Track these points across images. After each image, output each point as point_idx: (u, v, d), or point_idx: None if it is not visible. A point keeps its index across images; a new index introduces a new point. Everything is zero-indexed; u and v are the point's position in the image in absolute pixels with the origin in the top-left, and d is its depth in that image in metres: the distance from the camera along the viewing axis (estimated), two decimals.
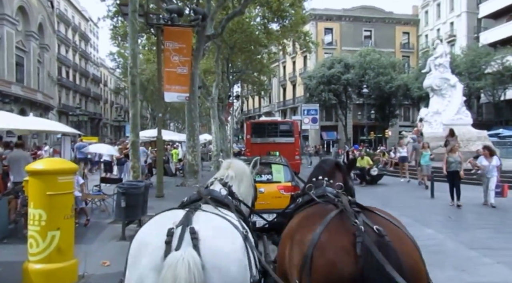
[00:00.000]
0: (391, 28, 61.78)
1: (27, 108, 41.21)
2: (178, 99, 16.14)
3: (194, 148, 19.59)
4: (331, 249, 2.37)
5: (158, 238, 2.38)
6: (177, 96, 15.97)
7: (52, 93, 51.63)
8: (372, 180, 19.32)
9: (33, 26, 41.61)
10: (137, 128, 10.56)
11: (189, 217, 2.58)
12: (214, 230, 2.56)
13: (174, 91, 15.88)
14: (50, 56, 51.88)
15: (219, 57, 29.52)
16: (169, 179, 22.72)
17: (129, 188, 8.86)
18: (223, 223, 2.70)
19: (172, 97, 16.03)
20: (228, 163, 3.86)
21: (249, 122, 26.80)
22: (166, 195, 16.08)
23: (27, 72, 41.45)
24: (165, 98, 16.04)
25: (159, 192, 15.50)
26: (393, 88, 47.31)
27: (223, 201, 3.24)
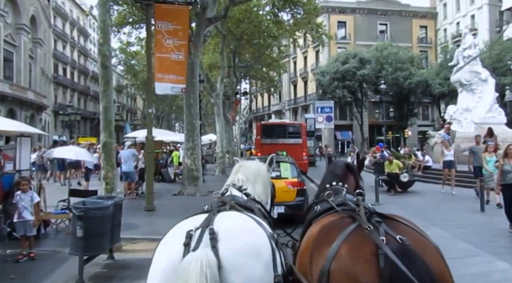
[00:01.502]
0: (407, 21, 59.13)
1: (17, 108, 39.16)
2: (172, 92, 13.67)
3: (194, 150, 17.13)
4: (351, 262, 2.28)
5: (178, 241, 2.37)
6: (171, 88, 13.47)
7: (46, 91, 49.58)
8: (400, 187, 16.70)
9: (25, 19, 39.35)
10: (110, 126, 8.12)
11: (210, 218, 2.55)
12: (236, 228, 2.51)
13: (168, 82, 13.38)
14: (44, 52, 49.72)
15: (224, 48, 27.03)
16: (167, 185, 20.29)
17: (90, 209, 6.39)
18: (247, 220, 2.66)
19: (165, 89, 13.53)
20: (238, 167, 3.73)
21: (259, 124, 28.14)
22: (159, 207, 13.63)
23: (17, 69, 39.18)
24: (157, 90, 13.56)
25: (148, 204, 13.06)
26: (412, 84, 44.57)
27: (247, 205, 3.12)
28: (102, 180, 8.47)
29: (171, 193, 17.43)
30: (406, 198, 15.54)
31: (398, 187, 16.52)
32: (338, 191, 3.40)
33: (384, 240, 2.27)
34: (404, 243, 2.25)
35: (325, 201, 3.25)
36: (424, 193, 16.74)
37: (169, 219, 11.50)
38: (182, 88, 14.03)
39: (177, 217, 13.03)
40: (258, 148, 24.66)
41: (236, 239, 2.42)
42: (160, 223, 11.53)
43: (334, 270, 2.30)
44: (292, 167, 11.66)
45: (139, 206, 13.48)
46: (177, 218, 11.86)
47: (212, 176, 26.29)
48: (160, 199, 15.62)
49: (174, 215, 12.99)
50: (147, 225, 11.08)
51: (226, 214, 2.70)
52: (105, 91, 8.19)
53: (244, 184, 3.51)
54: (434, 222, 10.63)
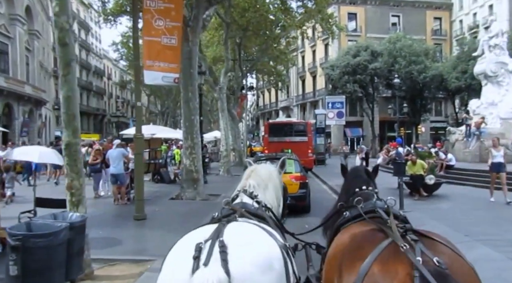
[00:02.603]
0: (421, 13, 56.82)
1: (14, 102, 37.72)
2: (163, 82, 11.88)
3: (193, 149, 15.39)
4: (384, 281, 2.17)
5: (187, 254, 2.27)
6: (162, 77, 11.66)
7: (46, 86, 48.08)
8: (425, 190, 14.82)
9: (19, 9, 37.69)
10: (74, 121, 6.37)
11: (220, 229, 2.43)
12: (246, 240, 2.42)
13: (158, 70, 11.58)
14: (43, 45, 48.17)
15: (228, 38, 25.22)
16: (165, 187, 18.56)
17: (31, 237, 4.63)
18: (258, 231, 2.57)
19: (155, 78, 11.72)
20: (249, 172, 3.56)
21: (267, 123, 30.02)
22: (151, 214, 11.92)
23: (12, 62, 37.52)
24: (146, 80, 11.78)
25: (138, 211, 11.32)
26: (427, 78, 42.46)
27: (258, 213, 3.02)
28: (66, 190, 6.70)
29: (169, 196, 15.72)
30: (434, 204, 13.65)
31: (423, 191, 14.65)
32: (368, 196, 3.29)
33: (420, 260, 2.14)
34: (441, 266, 2.11)
35: (354, 207, 3.15)
36: (453, 197, 14.86)
37: (160, 231, 9.77)
38: (175, 78, 12.23)
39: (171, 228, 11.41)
40: (266, 145, 25.89)
41: (247, 252, 2.31)
42: (149, 236, 9.82)
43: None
44: (296, 163, 13.35)
45: (128, 214, 11.75)
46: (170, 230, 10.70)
47: (216, 175, 24.58)
48: (155, 204, 13.92)
49: (167, 225, 11.24)
50: (133, 240, 9.36)
51: (236, 225, 2.59)
52: (65, 76, 6.41)
53: (255, 190, 3.38)
54: (477, 237, 8.80)
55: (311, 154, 26.20)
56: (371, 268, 2.26)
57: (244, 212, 2.93)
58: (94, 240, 8.79)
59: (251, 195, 3.30)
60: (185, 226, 10.29)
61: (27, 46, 41.18)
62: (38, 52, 45.30)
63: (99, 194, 15.56)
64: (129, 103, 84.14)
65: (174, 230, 9.77)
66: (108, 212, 12.62)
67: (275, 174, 3.72)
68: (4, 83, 34.48)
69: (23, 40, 39.74)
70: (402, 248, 2.25)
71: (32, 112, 43.03)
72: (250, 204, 3.18)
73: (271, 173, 3.67)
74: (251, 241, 2.43)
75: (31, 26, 41.98)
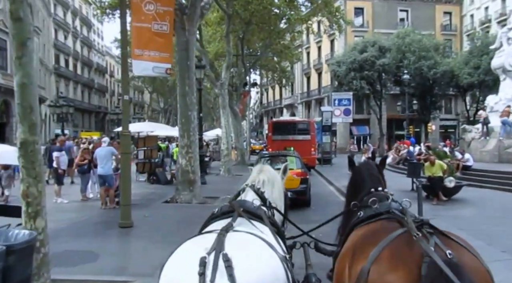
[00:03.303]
0: (430, 7, 54.96)
1: (11, 99, 36.55)
2: (154, 73, 10.64)
3: (190, 148, 14.08)
4: (392, 265, 2.22)
5: (191, 270, 2.19)
6: (152, 68, 10.40)
7: (45, 83, 47.10)
8: (444, 194, 13.43)
9: None
10: (31, 115, 5.11)
11: (221, 241, 2.39)
12: (250, 253, 2.41)
13: (148, 60, 10.32)
14: (43, 41, 47.23)
15: (229, 31, 23.89)
16: (161, 189, 17.29)
17: None
18: (259, 244, 2.53)
19: (144, 69, 10.47)
20: (260, 167, 3.72)
21: (271, 122, 30.34)
22: (140, 221, 10.65)
23: (11, 58, 36.25)
24: (134, 70, 10.55)
25: (124, 218, 10.03)
26: (437, 74, 40.90)
27: (256, 213, 3.03)
28: (21, 197, 5.41)
29: (163, 199, 14.45)
30: (455, 209, 12.27)
31: (442, 195, 13.27)
32: (383, 197, 3.16)
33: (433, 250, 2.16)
34: (453, 258, 2.10)
35: (368, 207, 3.07)
36: (475, 202, 13.47)
37: (147, 243, 8.72)
38: (167, 68, 10.95)
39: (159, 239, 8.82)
40: (270, 143, 26.03)
41: (253, 266, 2.32)
42: (133, 249, 8.55)
43: (373, 271, 2.25)
44: (297, 160, 14.00)
45: (114, 220, 10.45)
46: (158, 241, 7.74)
47: (217, 175, 23.26)
48: (146, 208, 12.67)
49: (156, 234, 9.70)
50: (113, 254, 8.04)
51: (235, 236, 2.53)
52: (19, 58, 5.12)
53: (263, 186, 3.45)
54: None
55: (314, 152, 26.43)
56: (381, 253, 2.28)
57: (241, 212, 2.91)
58: (65, 254, 7.56)
59: (258, 191, 3.35)
60: (176, 236, 8.97)
61: None
62: (38, 48, 44.40)
63: (87, 197, 14.30)
64: (131, 101, 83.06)
65: (162, 241, 8.52)
66: (91, 217, 11.34)
67: (279, 177, 3.76)
68: (1, 80, 33.45)
69: None
70: (415, 237, 2.27)
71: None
72: (250, 202, 3.15)
73: (276, 173, 3.73)
74: (254, 254, 2.41)
75: None
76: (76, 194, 14.52)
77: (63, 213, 11.84)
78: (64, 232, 9.52)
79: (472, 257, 2.29)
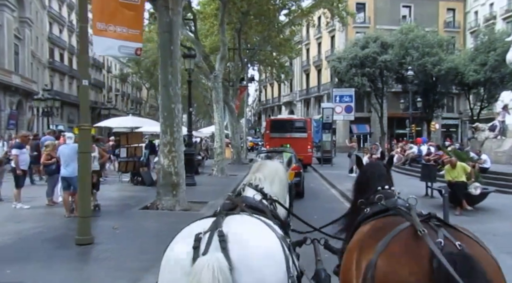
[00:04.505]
0: (433, 4, 52.83)
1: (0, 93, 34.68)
2: (121, 53, 8.59)
3: (173, 146, 11.92)
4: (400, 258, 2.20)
5: (187, 244, 2.28)
6: (119, 47, 8.34)
7: (38, 77, 45.10)
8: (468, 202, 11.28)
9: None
10: None
11: (218, 221, 2.44)
12: (245, 230, 2.43)
13: (114, 37, 8.28)
14: (36, 34, 45.07)
15: (224, 19, 21.71)
16: (144, 191, 14.98)
17: None
18: (256, 222, 2.56)
19: (109, 48, 8.42)
20: (257, 166, 3.59)
21: (269, 120, 30.47)
22: (104, 235, 8.54)
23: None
24: (96, 49, 8.60)
25: (82, 233, 7.89)
26: (442, 71, 38.72)
27: (258, 207, 3.00)
28: None
29: (143, 204, 12.29)
30: (486, 222, 10.07)
31: (466, 203, 11.12)
32: (389, 195, 3.15)
33: (442, 242, 2.14)
34: (463, 250, 2.09)
35: (375, 204, 3.07)
36: (506, 212, 11.32)
37: (105, 271, 6.45)
38: (137, 48, 8.82)
39: (124, 263, 7.04)
40: (267, 141, 25.80)
41: (246, 241, 2.33)
42: (83, 280, 6.36)
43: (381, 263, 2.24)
44: (292, 156, 14.23)
45: (74, 234, 8.27)
46: (121, 266, 6.67)
47: (209, 176, 21.11)
48: (118, 217, 10.54)
49: (120, 256, 7.11)
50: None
51: (234, 217, 2.59)
52: None
53: (261, 183, 3.34)
54: None
55: (310, 150, 26.54)
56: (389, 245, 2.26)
57: (243, 206, 2.89)
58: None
59: (256, 188, 3.28)
60: (145, 259, 6.89)
61: (16, 34, 38.19)
62: (29, 41, 42.34)
63: (54, 201, 12.08)
64: (129, 97, 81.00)
65: (125, 269, 6.46)
66: (48, 230, 9.11)
67: (282, 170, 3.67)
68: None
69: (12, 28, 36.79)
70: (420, 232, 2.22)
71: (21, 104, 39.98)
72: (251, 198, 3.12)
73: (278, 168, 3.64)
74: (250, 230, 2.43)
75: (22, 13, 39.09)
76: (41, 198, 12.36)
77: (17, 222, 9.72)
78: (3, 251, 7.42)
79: (482, 249, 2.24)
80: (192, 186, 16.57)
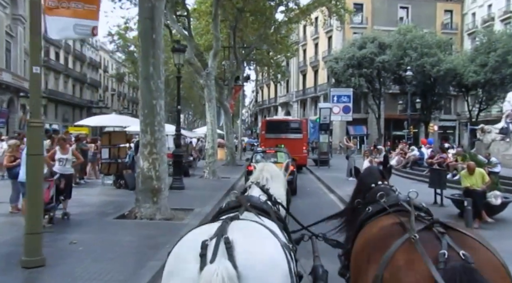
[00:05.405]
0: (431, 5, 51.35)
1: None
2: (76, 34, 7.04)
3: (154, 147, 10.32)
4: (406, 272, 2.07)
5: (193, 251, 2.16)
6: (74, 26, 6.77)
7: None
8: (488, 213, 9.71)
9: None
10: None
11: (224, 227, 2.31)
12: (250, 237, 2.32)
13: (67, 15, 6.68)
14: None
15: (217, 13, 20.11)
16: (125, 196, 13.16)
17: None
18: (260, 230, 2.45)
19: (63, 28, 6.87)
20: (263, 165, 3.66)
21: (264, 121, 29.39)
22: (61, 253, 6.94)
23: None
24: (49, 31, 6.94)
25: (29, 254, 6.26)
26: (441, 72, 37.19)
27: (263, 208, 2.93)
28: None
29: (120, 212, 10.68)
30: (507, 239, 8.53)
31: (486, 215, 9.53)
32: (388, 191, 3.09)
33: (446, 254, 2.01)
34: (467, 260, 1.95)
35: (376, 202, 2.96)
36: None
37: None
38: (94, 27, 7.22)
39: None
40: (263, 141, 25.30)
41: (252, 248, 2.22)
42: None
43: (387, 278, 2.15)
44: (286, 155, 15.64)
45: (11, 254, 6.65)
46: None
47: (200, 178, 19.50)
48: (86, 228, 8.93)
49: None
50: None
51: (239, 223, 2.45)
52: None
53: (267, 183, 3.39)
54: None
55: (305, 151, 26.14)
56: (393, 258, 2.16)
57: (248, 206, 2.80)
58: None
59: (262, 188, 3.29)
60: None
61: (8, 31, 36.53)
62: (22, 38, 40.74)
63: (19, 208, 10.43)
64: (126, 96, 79.34)
65: None
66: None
67: (281, 174, 3.70)
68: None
69: (3, 25, 35.12)
70: (412, 239, 2.15)
71: (13, 102, 38.36)
72: (256, 198, 3.07)
73: (278, 170, 3.67)
74: (256, 238, 2.34)
75: (14, 10, 37.37)
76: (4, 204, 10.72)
77: None
78: None
79: (489, 255, 2.10)
80: (179, 190, 15.03)
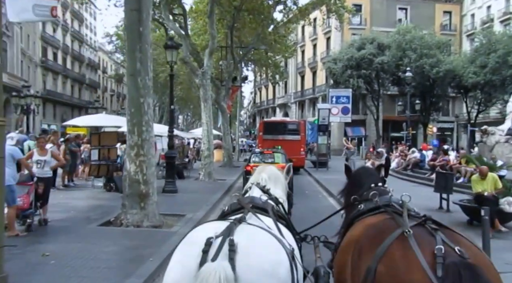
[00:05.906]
0: (430, 6, 50.44)
1: None
2: (36, 16, 6.27)
3: (142, 149, 9.45)
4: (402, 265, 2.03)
5: (197, 246, 2.21)
6: (33, 7, 6.04)
7: (30, 75, 42.80)
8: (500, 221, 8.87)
9: None
10: None
11: (231, 228, 2.33)
12: (256, 244, 2.32)
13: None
14: (27, 32, 42.76)
15: (213, 10, 19.28)
16: (114, 200, 12.05)
17: None
18: (268, 237, 2.42)
19: (23, 11, 6.16)
20: (261, 168, 3.66)
21: (262, 122, 29.97)
22: (29, 268, 6.12)
23: None
24: (9, 15, 6.17)
25: None
26: (440, 73, 36.37)
27: (264, 208, 2.88)
28: None
29: (106, 217, 9.81)
30: None
31: (499, 223, 8.67)
32: (383, 192, 3.02)
33: (443, 249, 2.00)
34: (463, 256, 1.96)
35: (369, 201, 2.92)
36: None
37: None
38: (54, 8, 6.41)
39: None
40: (260, 143, 25.19)
41: (255, 254, 2.23)
42: None
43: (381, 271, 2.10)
44: (282, 156, 16.55)
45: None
46: None
47: (196, 180, 18.65)
48: (65, 237, 8.07)
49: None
50: None
51: (247, 227, 2.43)
52: None
53: (267, 184, 3.36)
54: None
55: (303, 152, 25.87)
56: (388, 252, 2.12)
57: (251, 208, 2.77)
58: None
59: (263, 188, 3.27)
60: None
61: (5, 31, 35.64)
62: (19, 39, 40.02)
63: None
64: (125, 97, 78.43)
65: None
66: None
67: (282, 176, 3.66)
68: None
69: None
70: (405, 233, 2.13)
71: (9, 102, 37.54)
72: (258, 198, 3.05)
73: (278, 172, 3.63)
74: (260, 244, 2.32)
75: None
76: None
77: None
78: None
79: (480, 252, 2.14)
80: (172, 194, 14.17)
